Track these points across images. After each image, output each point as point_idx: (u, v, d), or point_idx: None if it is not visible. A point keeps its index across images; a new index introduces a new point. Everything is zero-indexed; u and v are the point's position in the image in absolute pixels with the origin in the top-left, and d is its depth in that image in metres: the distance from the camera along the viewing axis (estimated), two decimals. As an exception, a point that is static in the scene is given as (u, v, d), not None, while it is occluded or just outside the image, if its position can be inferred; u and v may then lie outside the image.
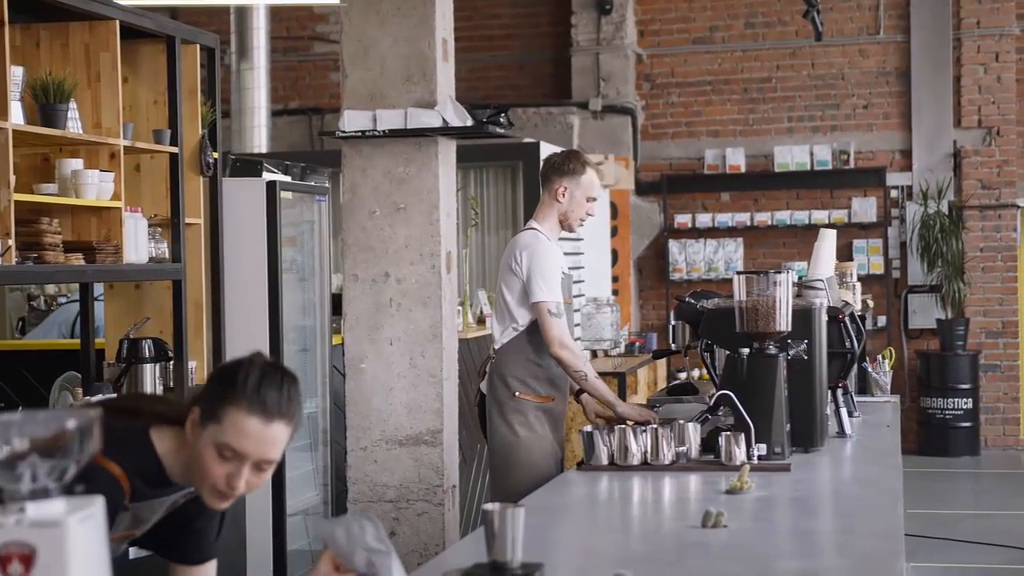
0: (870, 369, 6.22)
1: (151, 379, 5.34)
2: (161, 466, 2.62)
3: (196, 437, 2.55)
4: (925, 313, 12.07)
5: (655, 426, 4.25)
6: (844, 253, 11.83)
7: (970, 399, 11.76)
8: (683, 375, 9.88)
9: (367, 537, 2.37)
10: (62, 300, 8.30)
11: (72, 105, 4.92)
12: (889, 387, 6.24)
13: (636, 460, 4.11)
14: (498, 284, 5.13)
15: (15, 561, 1.71)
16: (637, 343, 10.55)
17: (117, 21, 5.14)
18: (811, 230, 11.23)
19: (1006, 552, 8.07)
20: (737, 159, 12.37)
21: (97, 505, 1.80)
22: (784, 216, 12.26)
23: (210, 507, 2.63)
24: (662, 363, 10.55)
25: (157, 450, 2.62)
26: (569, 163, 5.13)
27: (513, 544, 2.66)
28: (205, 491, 2.58)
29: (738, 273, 4.33)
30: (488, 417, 5.11)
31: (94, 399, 4.99)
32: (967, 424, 11.77)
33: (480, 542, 2.66)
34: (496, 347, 5.12)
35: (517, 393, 5.02)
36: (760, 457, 4.11)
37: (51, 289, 8.51)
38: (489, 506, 2.66)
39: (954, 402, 11.73)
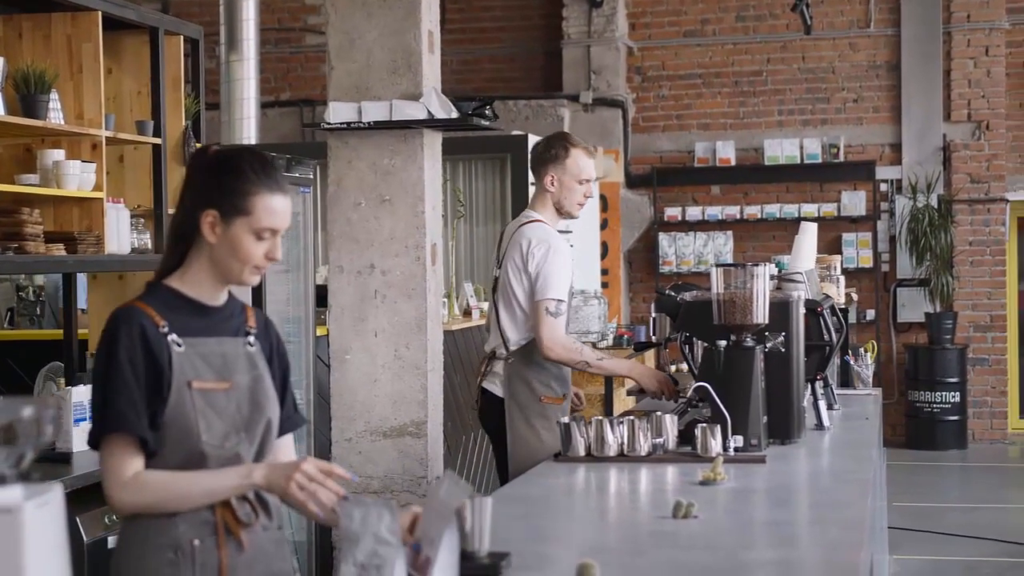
0: (852, 362, 6.23)
1: (133, 369, 5.33)
2: (188, 298, 2.80)
3: (222, 235, 2.76)
4: (914, 307, 12.09)
5: (683, 401, 4.40)
6: (833, 246, 11.86)
7: (958, 393, 11.79)
8: (674, 367, 9.88)
9: (382, 526, 2.39)
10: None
11: (54, 96, 4.92)
12: (871, 380, 6.25)
13: (612, 451, 4.13)
14: (504, 281, 4.98)
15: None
16: (626, 335, 10.56)
17: (99, 12, 5.15)
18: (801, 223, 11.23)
19: (990, 545, 8.10)
20: (727, 152, 12.39)
21: (55, 492, 1.82)
22: (774, 209, 12.27)
23: (247, 284, 2.83)
24: (652, 355, 10.57)
25: (178, 289, 2.80)
26: (551, 150, 5.02)
27: (480, 533, 2.68)
28: (245, 274, 2.79)
29: (716, 265, 4.35)
30: (509, 421, 4.98)
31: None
32: (955, 418, 11.80)
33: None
34: (511, 348, 4.98)
35: (543, 398, 4.94)
36: (737, 449, 4.12)
37: (39, 279, 8.51)
38: (457, 496, 2.68)
39: (942, 396, 11.76)
